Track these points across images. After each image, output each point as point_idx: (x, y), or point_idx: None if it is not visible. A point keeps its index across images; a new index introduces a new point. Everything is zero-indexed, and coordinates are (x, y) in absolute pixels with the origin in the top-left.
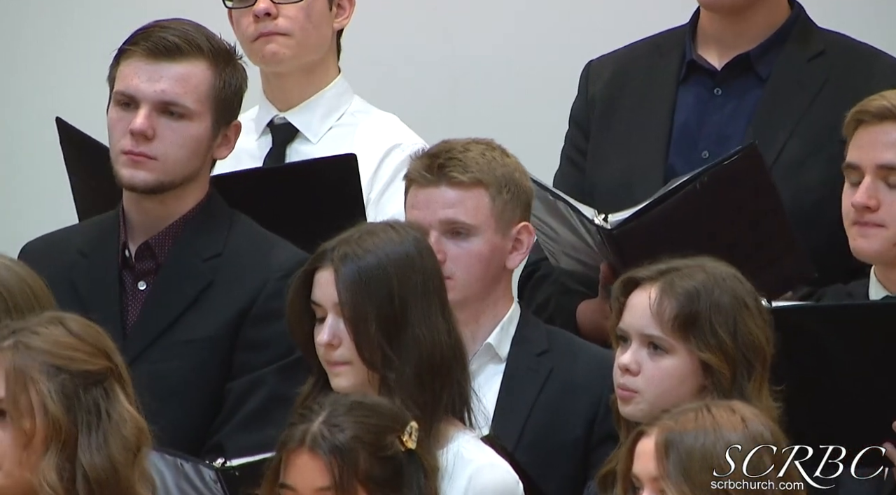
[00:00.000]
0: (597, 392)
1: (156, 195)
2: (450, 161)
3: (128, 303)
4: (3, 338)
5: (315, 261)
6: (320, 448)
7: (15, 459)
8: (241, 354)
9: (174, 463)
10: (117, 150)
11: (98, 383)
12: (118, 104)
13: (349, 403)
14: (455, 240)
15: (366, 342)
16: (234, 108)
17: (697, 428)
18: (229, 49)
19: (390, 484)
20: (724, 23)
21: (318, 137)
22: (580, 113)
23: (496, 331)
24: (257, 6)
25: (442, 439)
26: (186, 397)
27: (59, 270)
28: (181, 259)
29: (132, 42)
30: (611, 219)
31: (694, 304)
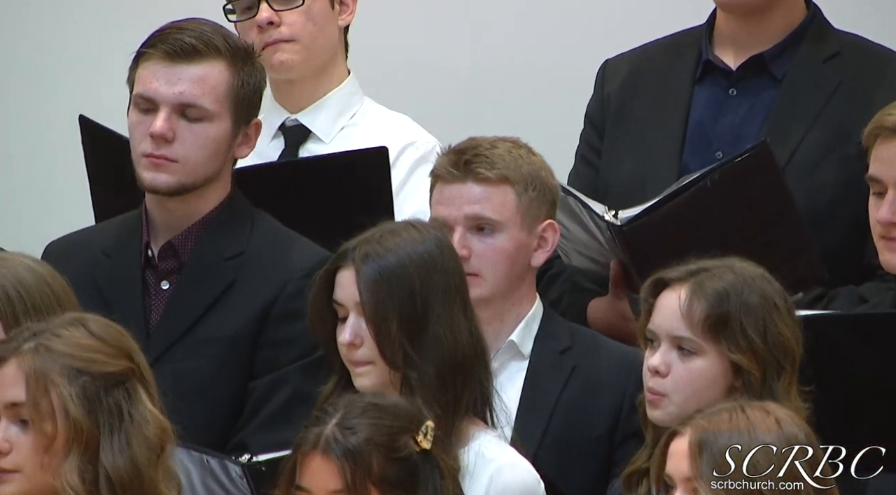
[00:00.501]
0: (620, 389)
1: (178, 196)
2: (476, 157)
3: (151, 303)
4: (24, 341)
5: (336, 260)
6: (332, 451)
7: (37, 463)
8: (264, 353)
9: (200, 459)
10: (138, 153)
11: (120, 384)
12: (137, 107)
13: (363, 405)
14: (480, 237)
15: (387, 341)
16: (254, 106)
17: (732, 428)
18: (247, 48)
19: (405, 486)
20: (741, 23)
21: (331, 137)
22: (595, 112)
23: (519, 328)
24: (259, 16)
25: (463, 438)
26: (209, 396)
27: (82, 270)
28: (204, 258)
29: (149, 44)
30: (621, 216)
31: (724, 305)
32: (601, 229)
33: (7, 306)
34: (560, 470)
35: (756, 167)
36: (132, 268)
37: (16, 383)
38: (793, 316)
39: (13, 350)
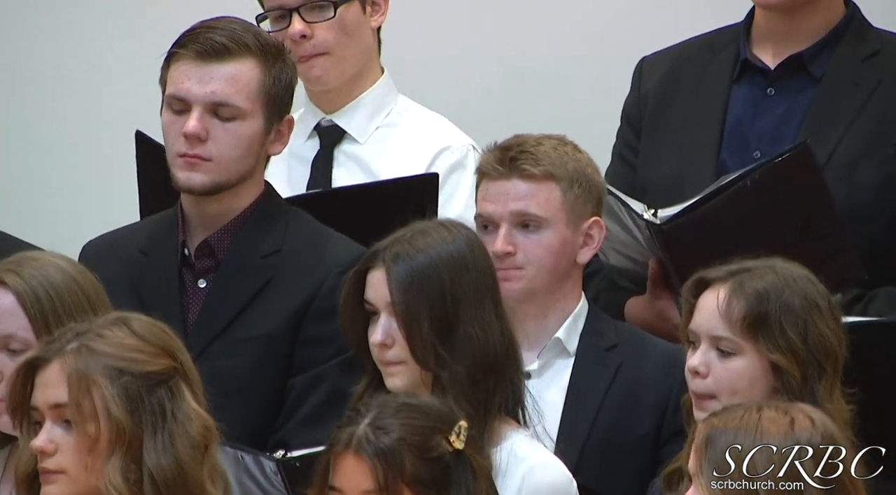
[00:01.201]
0: (666, 387)
1: (213, 195)
2: (522, 154)
3: (188, 302)
4: (67, 342)
5: (367, 260)
6: (365, 451)
7: (80, 464)
8: (302, 350)
9: (234, 455)
10: (173, 154)
11: (162, 383)
12: (170, 108)
13: (396, 405)
14: (525, 233)
15: (418, 341)
16: (286, 103)
17: (739, 427)
18: (278, 45)
19: (437, 486)
20: (779, 22)
21: (366, 138)
22: (632, 109)
23: (565, 325)
24: (291, 29)
25: (496, 437)
26: (247, 394)
27: (119, 269)
28: (240, 256)
29: (180, 44)
30: (660, 215)
31: (763, 305)
32: (640, 228)
33: (35, 306)
34: (605, 468)
35: (796, 167)
36: (169, 267)
37: (59, 384)
38: (836, 317)
39: (56, 351)
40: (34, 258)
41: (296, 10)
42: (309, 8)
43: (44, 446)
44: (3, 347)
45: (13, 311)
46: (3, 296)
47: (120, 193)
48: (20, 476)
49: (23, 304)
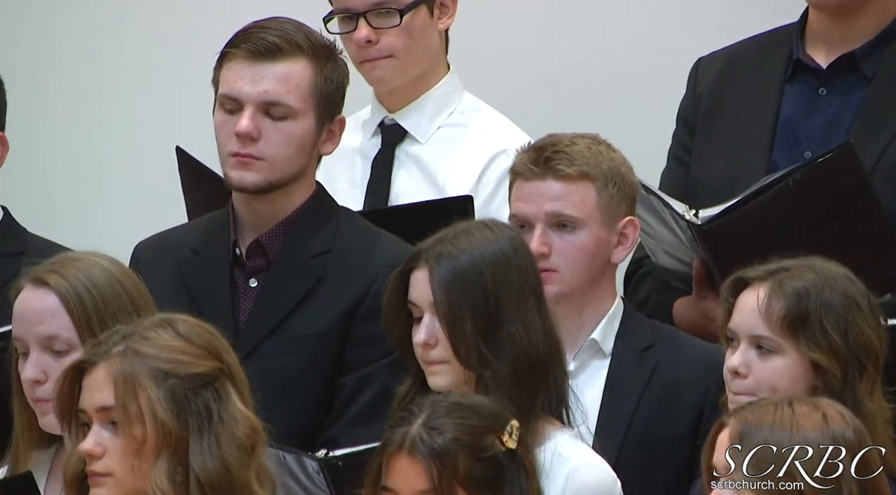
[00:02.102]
0: (703, 387)
1: (265, 195)
2: (556, 154)
3: (239, 301)
4: (114, 344)
5: (410, 261)
6: (419, 451)
7: (127, 467)
8: (353, 350)
9: (276, 455)
10: (225, 153)
11: (208, 385)
12: (223, 107)
13: (449, 404)
14: (561, 233)
15: (461, 341)
16: (338, 103)
17: (774, 422)
18: (329, 45)
19: (491, 485)
20: (832, 21)
21: (427, 138)
22: (687, 110)
23: (601, 326)
24: (357, 34)
25: (539, 437)
26: (298, 393)
27: (171, 269)
28: (291, 256)
29: (233, 44)
30: (701, 215)
31: (803, 304)
32: (682, 228)
33: (79, 307)
34: (642, 469)
35: (839, 168)
36: (221, 267)
37: (105, 387)
38: (876, 316)
39: (103, 354)
40: (76, 258)
41: (363, 14)
42: (375, 13)
43: (91, 449)
44: (46, 348)
45: (56, 312)
46: (46, 296)
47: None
48: (69, 478)
49: (66, 305)
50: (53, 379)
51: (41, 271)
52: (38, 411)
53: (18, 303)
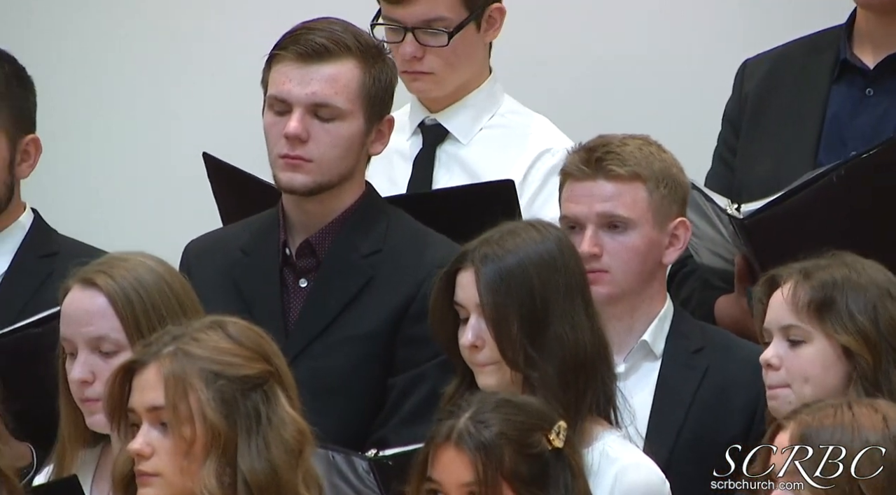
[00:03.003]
0: (754, 390)
1: (314, 196)
2: (607, 155)
3: (289, 301)
4: (164, 345)
5: (457, 261)
6: (465, 443)
7: (176, 467)
8: (403, 350)
9: (325, 456)
10: (274, 155)
11: (257, 387)
12: (272, 109)
13: (497, 400)
14: (612, 234)
15: (508, 342)
16: (386, 103)
17: (835, 424)
18: (378, 45)
19: (536, 482)
20: (880, 21)
21: (469, 139)
22: (733, 111)
23: (651, 327)
24: (403, 48)
25: (587, 438)
26: (348, 393)
27: (221, 268)
28: (341, 256)
29: (281, 46)
30: (743, 209)
31: (829, 290)
32: (724, 223)
33: (127, 308)
34: (695, 471)
35: (884, 164)
36: (271, 267)
37: (156, 387)
38: None
39: (153, 354)
40: (124, 259)
41: (411, 29)
42: (424, 31)
43: (140, 449)
44: (95, 349)
45: (105, 313)
46: (94, 297)
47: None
48: (117, 477)
49: (114, 305)
50: (101, 380)
51: (90, 272)
52: (86, 411)
53: (67, 303)
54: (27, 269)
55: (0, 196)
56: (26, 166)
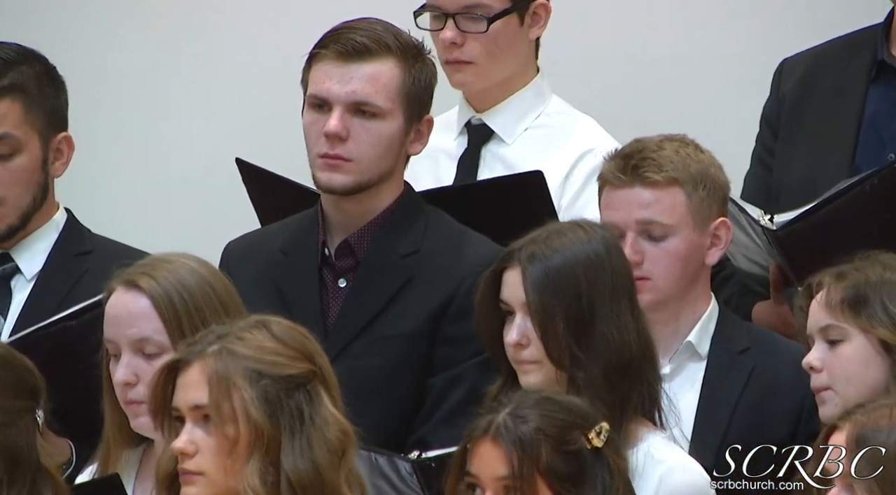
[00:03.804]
0: (801, 391)
1: (353, 196)
2: (643, 161)
3: (328, 301)
4: (209, 344)
5: (503, 260)
6: (502, 438)
7: (220, 466)
8: (442, 350)
9: (368, 457)
10: (314, 154)
11: (301, 387)
12: (312, 107)
13: (537, 397)
14: (652, 240)
15: (553, 341)
16: (426, 103)
17: (892, 423)
18: (418, 45)
19: (573, 480)
20: None
21: (513, 138)
22: (771, 112)
23: (696, 328)
24: (443, 34)
25: (632, 439)
26: (387, 393)
27: (260, 268)
28: (380, 256)
29: (322, 45)
30: (776, 220)
31: (862, 287)
32: (757, 234)
33: (170, 310)
34: None
35: None
36: (309, 267)
37: (200, 386)
38: None
39: (198, 353)
40: (167, 261)
41: (452, 15)
42: (465, 16)
43: (184, 447)
44: (138, 350)
45: (148, 314)
46: (137, 299)
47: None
48: (161, 476)
49: (157, 307)
50: (144, 382)
51: (133, 273)
52: (130, 413)
53: (110, 305)
54: (62, 268)
55: (34, 195)
56: (59, 165)
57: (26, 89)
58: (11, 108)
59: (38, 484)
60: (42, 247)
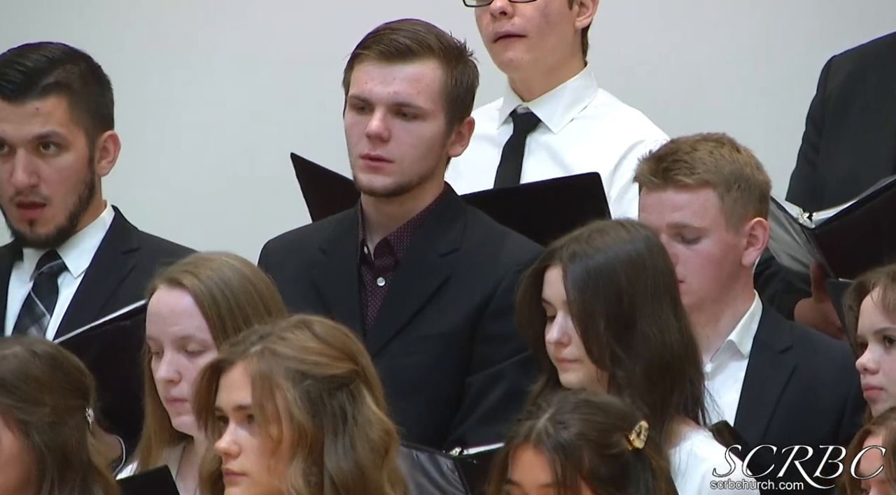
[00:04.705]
0: (843, 389)
1: (394, 197)
2: (675, 163)
3: (367, 300)
4: (251, 344)
5: (545, 259)
6: (544, 444)
7: (262, 466)
8: (481, 348)
9: (409, 454)
10: (355, 155)
11: (343, 387)
12: (353, 108)
13: (576, 401)
14: (685, 243)
15: (594, 340)
16: (467, 104)
17: None
18: (460, 46)
19: (615, 483)
20: None
21: (560, 128)
22: (816, 110)
23: (738, 327)
24: (493, 5)
25: (675, 438)
26: (425, 391)
27: (300, 267)
28: (419, 255)
29: (364, 46)
30: (815, 218)
31: None
32: (797, 232)
33: (213, 308)
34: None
35: None
36: (349, 266)
37: (243, 386)
38: None
39: (241, 353)
40: (209, 259)
41: None
42: None
43: (228, 447)
44: (180, 348)
45: (191, 313)
46: (181, 297)
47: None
48: (204, 476)
49: (200, 305)
50: (187, 380)
51: (175, 272)
52: (172, 411)
53: (153, 303)
54: (109, 265)
55: (80, 194)
56: (106, 163)
57: (72, 87)
58: (57, 105)
59: (89, 483)
60: (89, 245)
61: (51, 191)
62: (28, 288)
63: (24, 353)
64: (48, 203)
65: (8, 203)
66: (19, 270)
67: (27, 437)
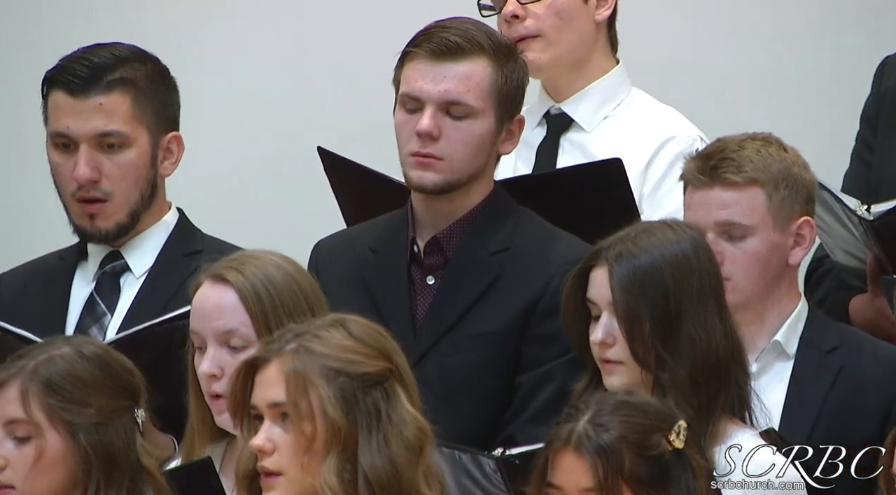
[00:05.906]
0: (889, 390)
1: (444, 194)
2: (723, 161)
3: (417, 298)
4: (286, 342)
5: (591, 258)
6: (585, 448)
7: (297, 464)
8: (531, 348)
9: (451, 455)
10: (405, 152)
11: (378, 385)
12: (404, 106)
13: (615, 402)
14: (732, 242)
15: (639, 341)
16: (517, 102)
17: None
18: (510, 44)
19: (657, 484)
20: None
21: (593, 127)
22: (871, 109)
23: (784, 327)
24: (504, 9)
25: (721, 437)
26: (475, 390)
27: (350, 266)
28: (469, 254)
29: (415, 44)
30: (874, 210)
31: None
32: (854, 224)
33: (256, 304)
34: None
35: None
36: (398, 264)
37: (277, 384)
38: None
39: (276, 351)
40: (255, 257)
41: None
42: None
43: (262, 445)
44: (224, 343)
45: (235, 308)
46: (226, 292)
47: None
48: (241, 474)
49: (244, 301)
50: (229, 375)
51: (220, 268)
52: (215, 409)
53: (197, 298)
54: (171, 267)
55: (143, 193)
56: (169, 164)
57: (137, 85)
58: (121, 102)
59: (138, 484)
60: (152, 246)
61: (112, 187)
62: (91, 288)
63: (72, 354)
64: (109, 198)
65: (70, 198)
66: (83, 270)
67: (73, 438)
